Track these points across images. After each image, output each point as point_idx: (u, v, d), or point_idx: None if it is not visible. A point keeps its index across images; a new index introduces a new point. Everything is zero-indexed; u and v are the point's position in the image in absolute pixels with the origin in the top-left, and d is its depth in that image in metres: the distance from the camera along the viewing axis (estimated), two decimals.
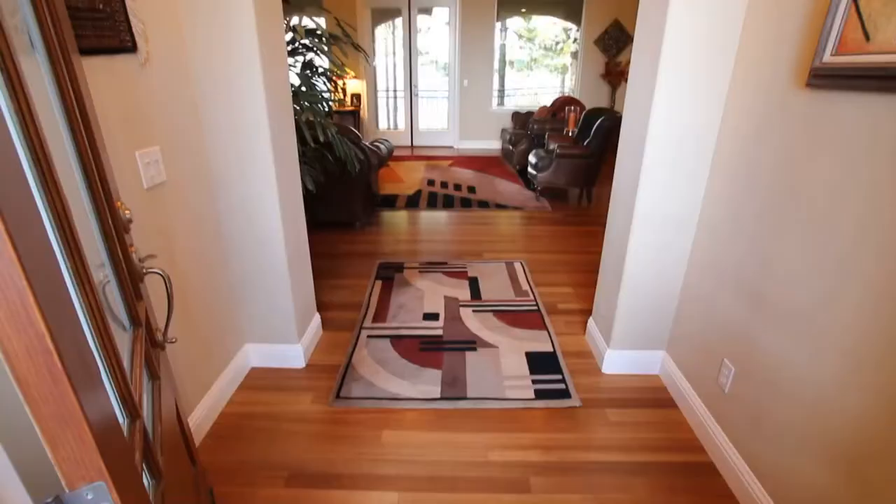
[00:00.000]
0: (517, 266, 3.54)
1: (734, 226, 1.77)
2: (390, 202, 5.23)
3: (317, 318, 2.60)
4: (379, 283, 3.25)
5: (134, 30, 1.49)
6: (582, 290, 3.17)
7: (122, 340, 0.97)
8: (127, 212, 1.11)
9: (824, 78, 1.35)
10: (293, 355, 2.34)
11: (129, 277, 1.07)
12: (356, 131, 4.17)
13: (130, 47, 1.48)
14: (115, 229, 1.00)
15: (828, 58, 1.34)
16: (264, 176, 1.99)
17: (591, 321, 2.59)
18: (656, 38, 1.82)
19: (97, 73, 1.35)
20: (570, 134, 5.79)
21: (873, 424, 1.17)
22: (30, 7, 0.80)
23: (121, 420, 0.77)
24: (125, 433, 0.76)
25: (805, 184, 1.42)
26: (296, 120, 2.39)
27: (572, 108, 6.40)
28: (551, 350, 2.50)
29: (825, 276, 1.33)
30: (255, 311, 2.26)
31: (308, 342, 2.43)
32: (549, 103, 7.71)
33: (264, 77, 1.85)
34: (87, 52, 1.32)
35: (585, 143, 5.04)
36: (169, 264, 1.70)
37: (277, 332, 2.29)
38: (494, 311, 2.89)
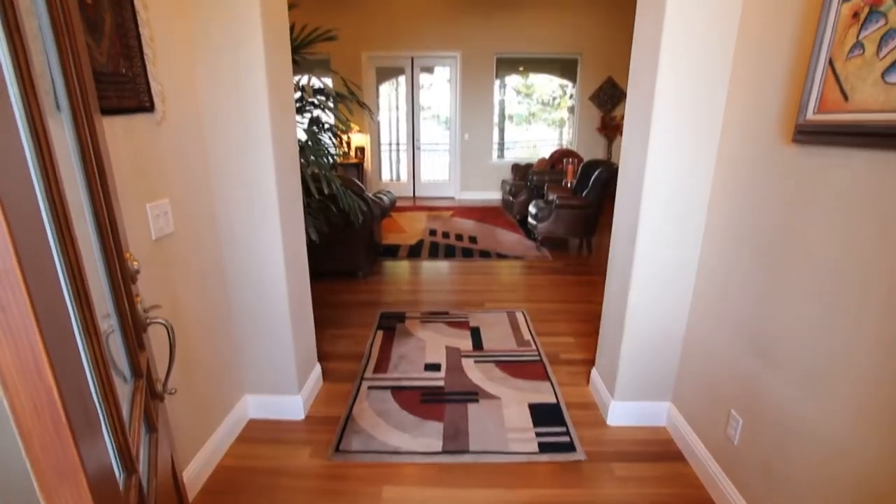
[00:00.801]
0: (519, 316, 3.53)
1: (733, 275, 1.79)
2: (392, 252, 5.28)
3: (317, 368, 2.58)
4: (380, 333, 3.23)
5: (153, 91, 1.58)
6: (584, 339, 3.15)
7: (123, 391, 0.98)
8: (135, 263, 1.14)
9: (808, 134, 1.41)
10: (293, 407, 2.30)
11: (134, 328, 1.08)
12: (360, 183, 4.27)
13: (148, 107, 1.56)
14: (122, 280, 1.02)
15: (810, 115, 1.40)
16: (269, 228, 2.03)
17: (594, 371, 2.56)
18: (647, 99, 1.90)
19: (116, 130, 1.42)
20: (569, 185, 5.92)
21: (890, 481, 1.14)
22: (59, 72, 0.86)
23: (117, 474, 0.76)
24: (121, 488, 0.76)
25: (799, 235, 1.45)
26: (301, 173, 2.47)
27: (570, 160, 6.57)
28: (555, 401, 2.45)
29: (829, 327, 1.34)
30: (256, 362, 2.24)
31: (308, 393, 2.40)
32: (547, 156, 7.93)
33: (273, 134, 1.93)
34: (108, 112, 1.40)
35: (584, 194, 5.15)
36: (172, 313, 1.71)
37: (277, 384, 2.27)
38: (496, 362, 2.86)
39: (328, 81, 2.84)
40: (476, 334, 3.22)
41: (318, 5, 7.46)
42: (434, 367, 2.79)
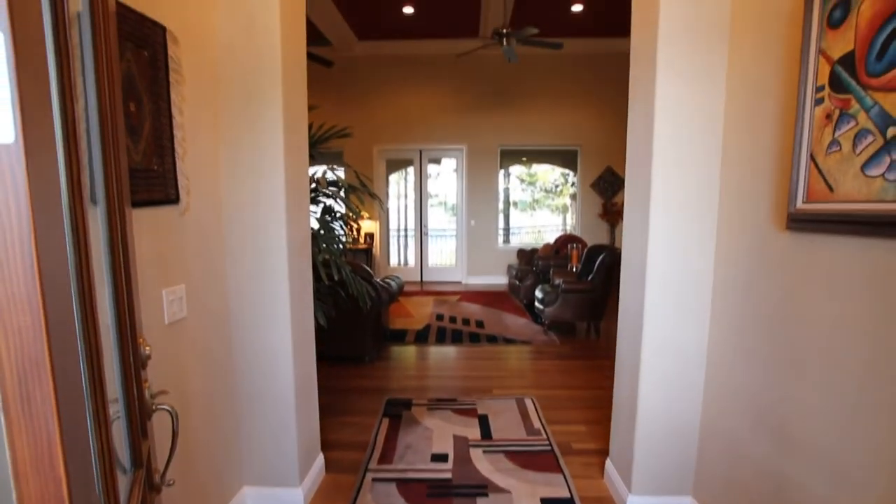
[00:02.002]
0: (528, 403, 3.43)
1: (743, 361, 1.77)
2: (400, 337, 5.25)
3: (320, 458, 2.48)
4: (386, 421, 3.14)
5: (179, 185, 1.69)
6: (596, 427, 3.03)
7: (121, 482, 0.96)
8: (147, 348, 1.16)
9: (801, 222, 1.47)
10: (293, 501, 2.19)
11: (139, 415, 1.08)
12: (368, 269, 4.37)
13: (174, 199, 1.67)
14: (134, 366, 1.04)
15: (800, 205, 1.47)
16: (280, 314, 2.07)
17: (608, 463, 2.44)
18: (644, 189, 2.01)
19: (142, 220, 1.51)
20: (574, 270, 5.99)
21: None
22: (101, 172, 0.95)
23: None
24: None
25: (803, 320, 1.47)
26: (313, 259, 2.55)
27: (574, 245, 6.70)
28: (568, 496, 2.32)
29: (848, 413, 1.31)
30: (257, 451, 2.17)
31: (310, 486, 2.29)
32: (552, 241, 8.09)
33: (288, 225, 2.03)
34: (137, 204, 1.50)
35: (589, 279, 5.20)
36: (176, 398, 1.70)
37: (278, 475, 2.18)
38: (506, 452, 2.74)
39: (341, 173, 3.02)
40: (484, 422, 3.12)
41: (334, 105, 8.05)
42: (441, 458, 2.67)
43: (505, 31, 5.61)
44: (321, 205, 2.90)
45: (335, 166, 3.07)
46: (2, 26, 0.45)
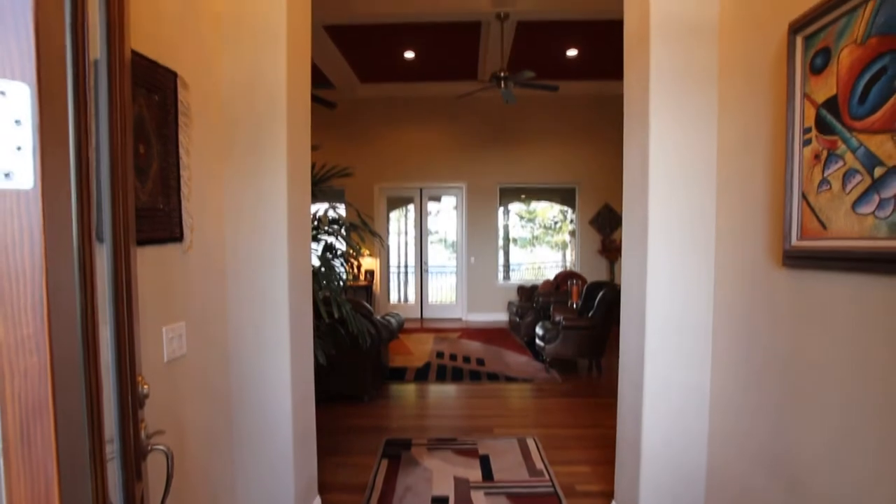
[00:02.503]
0: (530, 442, 3.36)
1: (746, 399, 1.76)
2: (399, 375, 5.18)
3: (317, 502, 2.41)
4: (385, 462, 3.06)
5: (184, 223, 1.72)
6: (600, 467, 2.96)
7: None
8: (145, 386, 1.15)
9: (796, 259, 1.49)
10: None
11: (134, 456, 1.07)
12: (368, 306, 4.36)
13: (178, 237, 1.69)
14: (131, 406, 1.04)
15: (795, 242, 1.50)
16: (279, 353, 2.06)
17: None
18: (641, 226, 2.04)
19: (146, 257, 1.53)
20: (575, 306, 5.97)
21: None
22: (108, 212, 0.97)
23: None
24: None
25: (804, 356, 1.46)
26: (313, 297, 2.56)
27: (574, 281, 6.71)
28: None
29: (851, 453, 1.29)
30: (252, 494, 2.12)
31: None
32: (552, 277, 8.10)
33: (289, 263, 2.05)
34: (141, 242, 1.52)
35: (590, 315, 5.18)
36: (172, 438, 1.68)
37: None
38: (507, 494, 2.66)
39: (342, 211, 3.07)
40: (485, 463, 3.04)
41: (336, 143, 8.23)
42: (441, 501, 2.60)
43: (502, 74, 5.80)
44: (322, 242, 2.93)
45: (336, 204, 3.12)
46: (28, 79, 0.48)
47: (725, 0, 1.87)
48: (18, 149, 0.49)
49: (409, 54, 6.96)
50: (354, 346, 3.81)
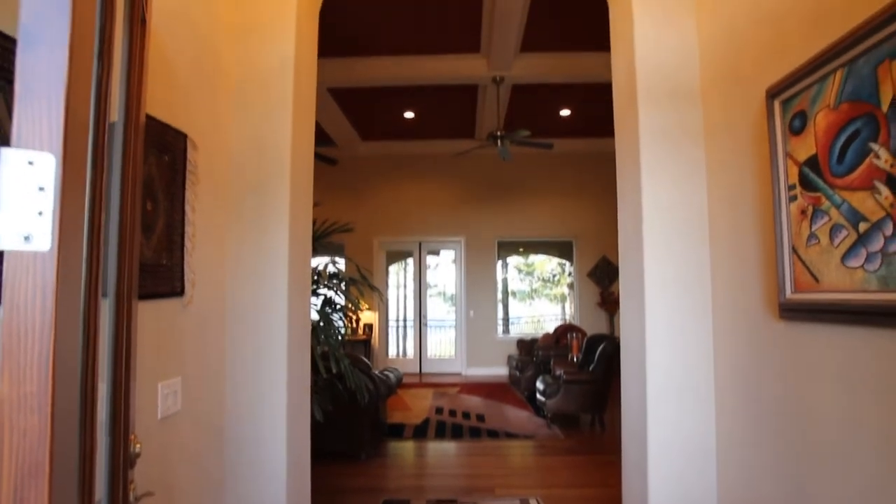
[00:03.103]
0: (532, 503, 3.23)
1: (752, 452, 1.71)
2: (398, 431, 5.04)
3: None
4: None
5: (185, 278, 1.75)
6: None
7: None
8: (138, 445, 1.14)
9: (792, 311, 1.50)
10: None
11: None
12: (367, 360, 4.31)
13: (179, 292, 1.71)
14: (122, 466, 1.02)
15: (790, 294, 1.51)
16: (275, 413, 2.02)
17: None
18: (637, 282, 2.06)
19: (145, 312, 1.54)
20: (575, 360, 5.90)
21: None
22: (114, 269, 1.00)
23: None
24: None
25: (807, 409, 1.45)
26: (311, 352, 2.54)
27: (574, 334, 6.66)
28: None
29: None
30: None
31: None
32: (551, 330, 8.03)
33: (289, 318, 2.05)
34: (142, 297, 1.53)
35: (591, 369, 5.10)
36: (161, 499, 1.62)
37: None
38: None
39: (341, 265, 3.10)
40: None
41: (337, 199, 8.39)
42: None
43: (499, 133, 6.02)
44: (321, 297, 2.94)
45: (336, 258, 3.16)
46: (55, 150, 0.52)
47: (705, 66, 1.98)
48: (40, 213, 0.52)
49: (409, 114, 7.24)
50: (352, 401, 3.73)
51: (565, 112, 7.15)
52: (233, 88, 2.09)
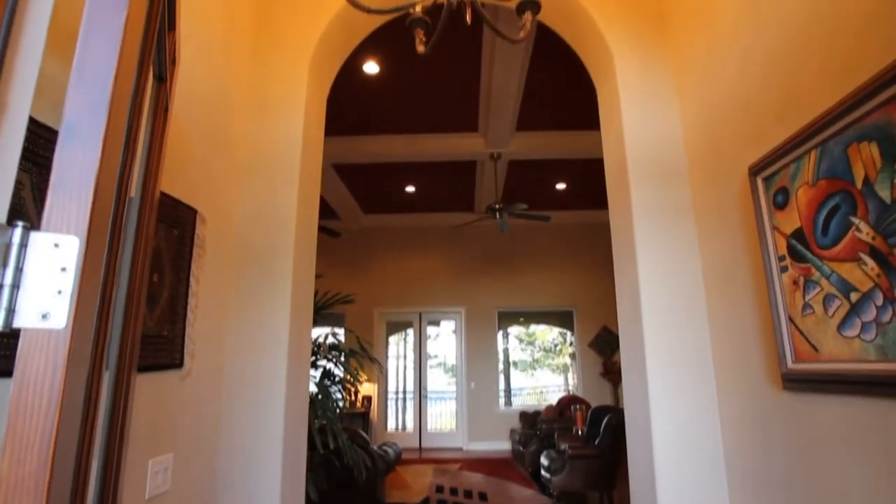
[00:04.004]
0: None
1: None
2: None
3: None
4: None
5: (185, 350, 1.74)
6: None
7: None
8: None
9: (795, 382, 1.49)
10: None
11: None
12: (365, 435, 4.16)
13: (178, 364, 1.70)
14: None
15: (791, 365, 1.51)
16: (269, 495, 1.94)
17: None
18: (638, 353, 2.05)
19: (142, 384, 1.52)
20: (580, 433, 5.68)
21: None
22: (117, 342, 1.01)
23: None
24: None
25: (817, 481, 1.40)
26: (308, 426, 2.47)
27: (578, 406, 6.46)
28: None
29: None
30: None
31: None
32: (554, 402, 7.81)
33: (287, 391, 2.03)
34: (141, 369, 1.53)
35: (596, 442, 4.91)
36: None
37: None
38: None
39: (341, 336, 3.09)
40: None
41: (339, 270, 8.47)
42: None
43: (497, 206, 6.20)
44: (320, 369, 2.91)
45: (336, 329, 3.15)
46: (80, 233, 0.56)
47: (690, 146, 2.10)
48: (59, 292, 0.55)
49: (410, 188, 7.49)
50: (349, 479, 3.57)
51: (561, 185, 7.39)
52: (242, 164, 2.20)
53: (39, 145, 1.03)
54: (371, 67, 4.30)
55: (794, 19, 1.44)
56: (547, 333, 9.45)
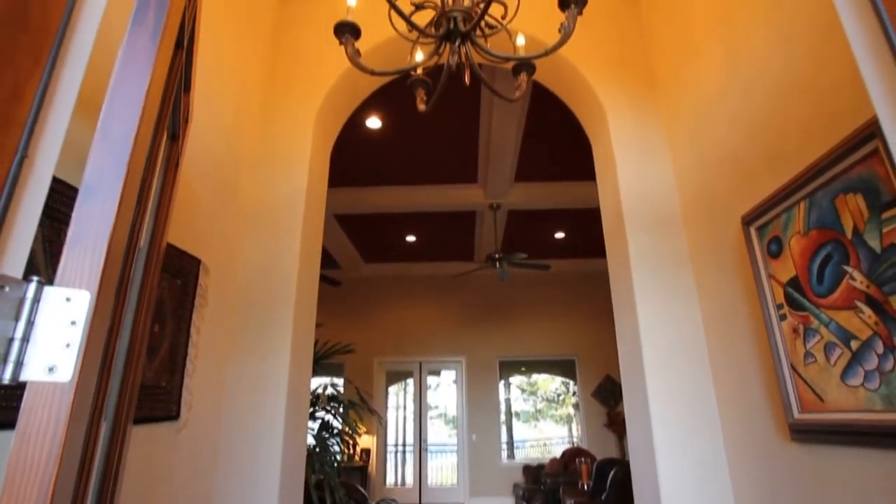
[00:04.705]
0: None
1: None
2: None
3: None
4: None
5: (182, 401, 1.72)
6: None
7: None
8: None
9: (803, 433, 1.46)
10: None
11: None
12: (363, 490, 4.00)
13: (174, 416, 1.68)
14: None
15: (798, 415, 1.49)
16: None
17: None
18: (642, 405, 2.02)
19: (138, 436, 1.49)
20: (585, 487, 5.47)
21: None
22: (116, 394, 1.01)
23: None
24: None
25: None
26: (305, 481, 2.40)
27: (583, 459, 6.25)
28: None
29: None
30: None
31: None
32: (559, 455, 7.55)
33: (284, 445, 1.98)
34: (138, 420, 1.50)
35: (603, 497, 4.72)
36: None
37: None
38: None
39: (340, 386, 3.04)
40: None
41: (339, 319, 8.43)
42: None
43: (497, 255, 6.25)
44: (318, 420, 2.84)
45: (335, 379, 3.11)
46: (92, 287, 0.57)
47: (683, 196, 2.15)
48: (67, 346, 0.56)
49: (411, 238, 7.57)
50: None
51: (560, 234, 7.48)
52: (247, 216, 2.24)
53: (52, 198, 1.07)
54: (374, 122, 4.45)
55: (776, 83, 1.52)
56: (549, 383, 9.27)
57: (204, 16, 1.63)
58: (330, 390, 2.95)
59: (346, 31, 1.24)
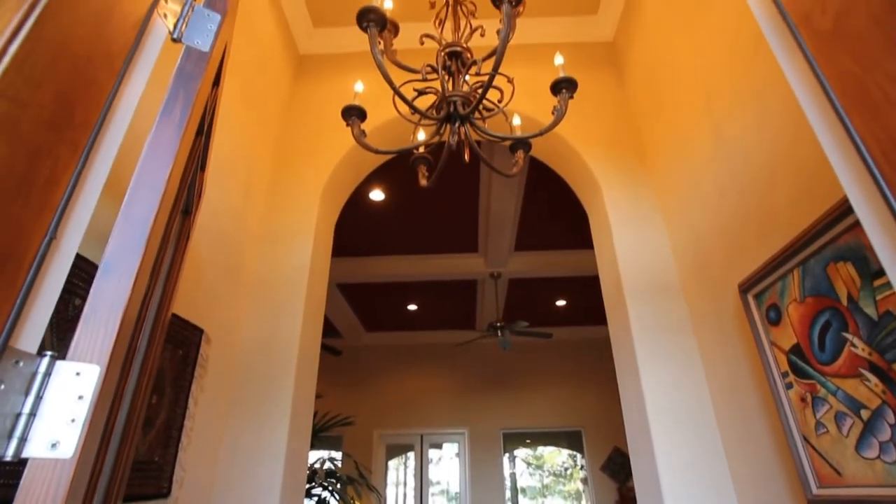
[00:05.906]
0: None
1: None
2: None
3: None
4: None
5: (174, 478, 1.66)
6: None
7: None
8: None
9: None
10: None
11: None
12: None
13: (165, 494, 1.61)
14: None
15: (816, 490, 1.42)
16: None
17: None
18: (652, 476, 1.94)
19: None
20: None
21: None
22: (110, 468, 0.98)
23: None
24: None
25: None
26: None
27: None
28: None
29: None
30: None
31: None
32: None
33: None
34: (126, 499, 1.44)
35: None
36: None
37: None
38: None
39: (338, 460, 2.92)
40: None
41: (338, 389, 8.21)
42: None
43: (498, 324, 6.21)
44: (315, 498, 2.70)
45: (333, 454, 2.99)
46: (101, 362, 0.59)
47: (680, 265, 2.18)
48: (72, 421, 0.57)
49: (412, 307, 7.56)
50: None
51: (561, 302, 7.46)
52: (250, 287, 2.27)
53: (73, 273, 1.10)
54: (377, 195, 4.60)
55: (758, 157, 1.60)
56: (556, 456, 8.85)
57: (222, 99, 1.75)
58: (328, 465, 2.83)
59: (353, 113, 1.32)
